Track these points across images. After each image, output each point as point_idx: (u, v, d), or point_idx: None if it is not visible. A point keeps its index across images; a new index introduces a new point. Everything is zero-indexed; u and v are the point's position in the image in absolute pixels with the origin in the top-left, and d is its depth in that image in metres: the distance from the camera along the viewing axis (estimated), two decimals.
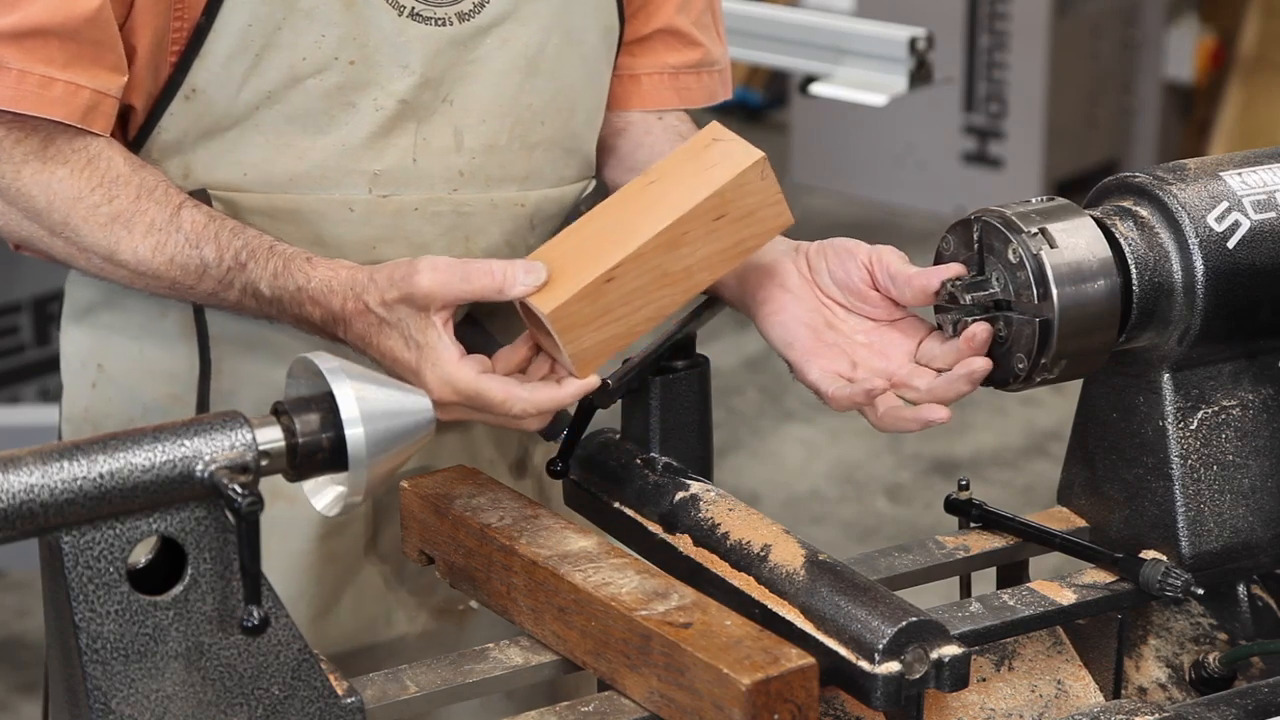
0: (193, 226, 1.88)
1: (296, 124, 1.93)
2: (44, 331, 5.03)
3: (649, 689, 1.65)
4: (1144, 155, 6.90)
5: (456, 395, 1.79)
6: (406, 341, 1.81)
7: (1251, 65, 6.65)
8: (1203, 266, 1.79)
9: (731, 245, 1.84)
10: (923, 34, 4.23)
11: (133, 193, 1.89)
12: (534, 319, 1.82)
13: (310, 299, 1.86)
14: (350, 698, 1.62)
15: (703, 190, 1.82)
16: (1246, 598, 1.90)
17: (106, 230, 1.88)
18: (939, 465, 5.24)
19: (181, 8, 1.89)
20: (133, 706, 1.52)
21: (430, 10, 1.93)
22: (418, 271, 1.80)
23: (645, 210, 1.84)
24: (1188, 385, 1.85)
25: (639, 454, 1.91)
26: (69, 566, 1.49)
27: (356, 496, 1.61)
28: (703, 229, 1.82)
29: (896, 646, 1.60)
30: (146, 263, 1.89)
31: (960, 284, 1.80)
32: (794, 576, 1.70)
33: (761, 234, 1.85)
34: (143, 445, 1.51)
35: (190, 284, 1.90)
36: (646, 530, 1.86)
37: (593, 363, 1.83)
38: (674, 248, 1.81)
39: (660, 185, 1.86)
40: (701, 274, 1.84)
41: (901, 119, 6.59)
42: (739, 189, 1.83)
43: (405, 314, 1.81)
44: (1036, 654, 1.92)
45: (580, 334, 1.80)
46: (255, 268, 1.87)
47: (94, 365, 2.07)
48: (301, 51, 1.91)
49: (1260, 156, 1.88)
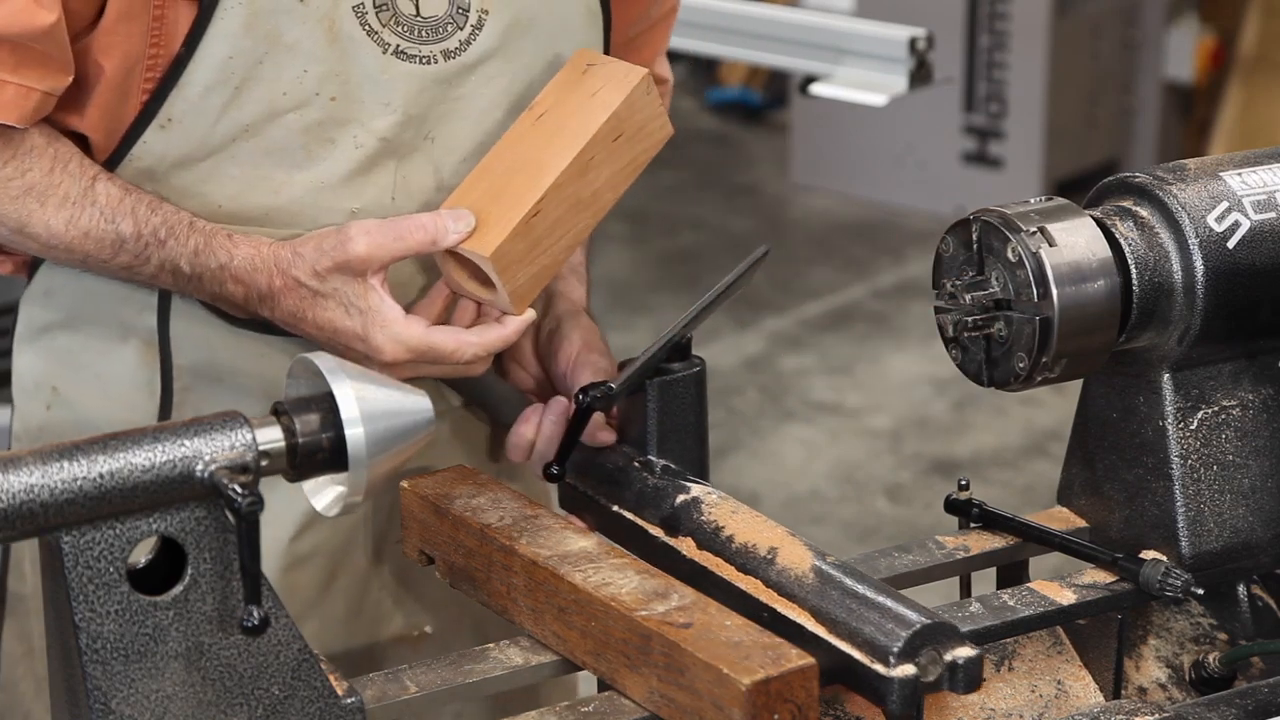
0: (108, 200, 1.88)
1: (273, 158, 1.91)
2: None
3: (649, 689, 1.65)
4: (1144, 155, 6.90)
5: (409, 353, 1.83)
6: (347, 309, 1.82)
7: (1251, 65, 6.65)
8: (1203, 266, 1.79)
9: (628, 163, 1.92)
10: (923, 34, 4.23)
11: (46, 165, 1.87)
12: (464, 265, 1.87)
13: (233, 277, 1.86)
14: (350, 698, 1.62)
15: (600, 114, 1.89)
16: (1246, 598, 1.90)
17: (18, 203, 1.87)
18: (939, 465, 5.24)
19: (160, 36, 1.87)
20: (133, 706, 1.52)
21: (416, 48, 1.91)
22: (350, 239, 1.81)
23: (547, 142, 1.89)
24: (1188, 385, 1.85)
25: (636, 457, 1.91)
26: (69, 566, 1.49)
27: (356, 496, 1.61)
28: (605, 151, 1.89)
29: (911, 649, 1.60)
30: (59, 236, 1.88)
31: (960, 284, 1.80)
32: (803, 579, 1.69)
33: (650, 147, 1.94)
34: (143, 445, 1.50)
35: (104, 258, 1.89)
36: (648, 534, 1.85)
37: (527, 298, 1.90)
38: (583, 173, 1.88)
39: (553, 115, 1.92)
40: (607, 194, 1.92)
41: (901, 119, 6.59)
42: (630, 107, 1.90)
43: (341, 282, 1.82)
44: (1036, 654, 1.92)
45: (516, 271, 1.86)
46: (174, 244, 1.87)
47: (48, 387, 2.04)
48: (282, 86, 1.88)
49: (1260, 156, 1.88)
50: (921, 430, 5.46)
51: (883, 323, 6.08)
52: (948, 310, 1.82)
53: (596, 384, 1.88)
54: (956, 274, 1.82)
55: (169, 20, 1.86)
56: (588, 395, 1.86)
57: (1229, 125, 6.59)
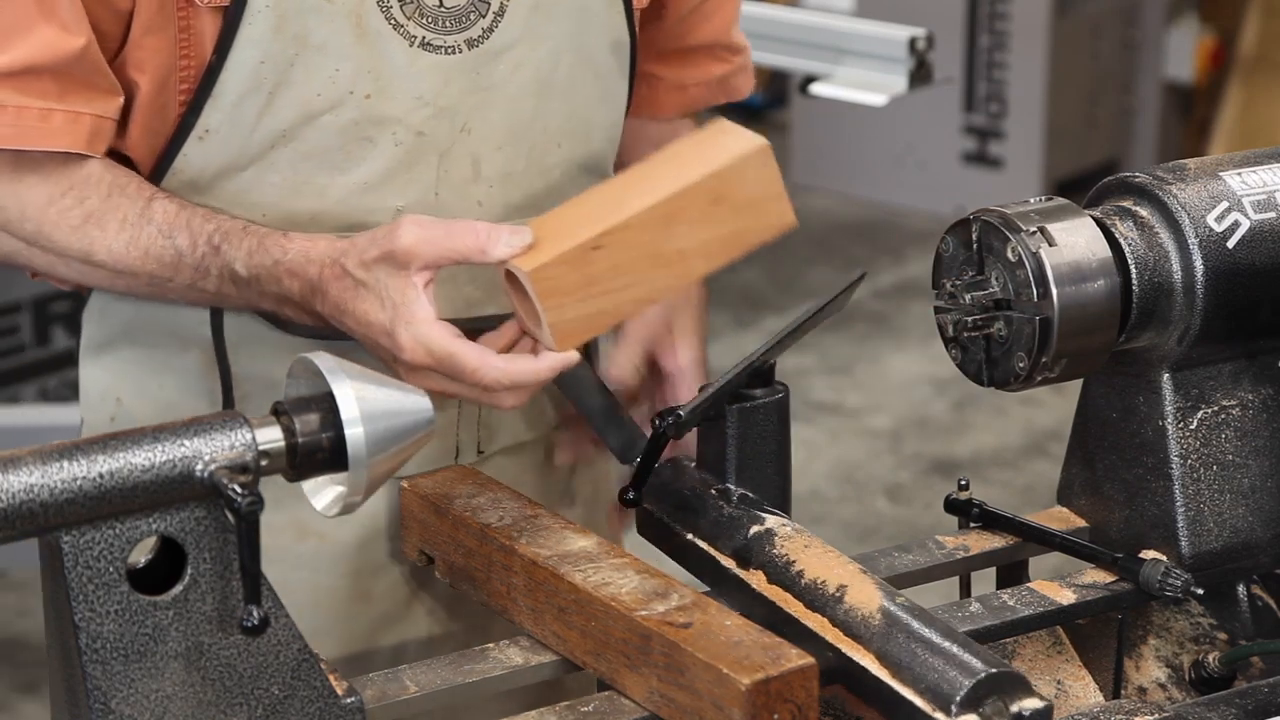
0: (164, 216, 1.86)
1: (313, 162, 1.90)
2: (44, 332, 5.04)
3: (649, 689, 1.65)
4: (1144, 155, 6.90)
5: (429, 357, 1.75)
6: (382, 302, 1.77)
7: (1251, 65, 6.65)
8: (1202, 266, 1.79)
9: (729, 234, 1.79)
10: (922, 34, 4.23)
11: (104, 190, 1.87)
12: (518, 288, 1.77)
13: (288, 271, 1.83)
14: (350, 698, 1.62)
15: (700, 170, 1.78)
16: (1246, 598, 1.90)
17: (80, 232, 1.87)
18: (939, 465, 5.24)
19: (189, 46, 1.87)
20: (132, 706, 1.52)
21: (440, 39, 1.90)
22: (400, 229, 1.76)
23: (641, 187, 1.80)
24: (1188, 385, 1.85)
25: (714, 484, 1.85)
26: (69, 566, 1.49)
27: (356, 496, 1.61)
28: (699, 211, 1.78)
29: (975, 698, 1.56)
30: (122, 259, 1.87)
31: (960, 283, 1.80)
32: (869, 620, 1.65)
33: (762, 229, 1.81)
34: (142, 445, 1.50)
35: (168, 276, 1.87)
36: (720, 565, 1.79)
37: (574, 337, 1.77)
38: (667, 225, 1.77)
39: (661, 166, 1.82)
40: (697, 260, 1.79)
41: (901, 119, 6.59)
42: (738, 174, 1.79)
43: (384, 274, 1.77)
44: (1036, 654, 1.92)
45: (562, 302, 1.75)
46: (229, 249, 1.85)
47: (113, 399, 2.04)
48: (315, 87, 1.88)
49: (1260, 156, 1.88)
50: (921, 430, 5.46)
51: (883, 323, 6.08)
52: (948, 310, 1.82)
53: (671, 409, 1.81)
54: (956, 274, 1.82)
55: (195, 30, 1.86)
56: (662, 422, 1.80)
57: (1229, 125, 6.59)
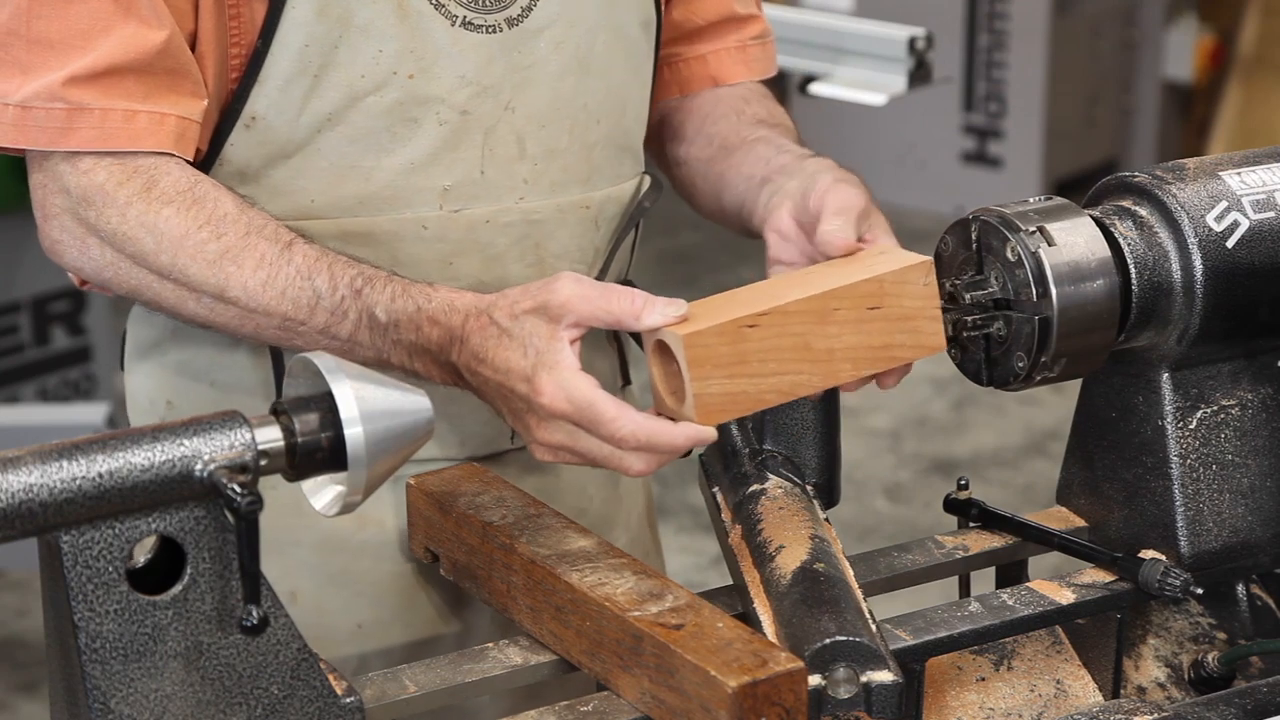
0: (304, 259, 1.82)
1: (359, 145, 1.90)
2: (43, 331, 5.04)
3: (641, 690, 1.65)
4: (1143, 155, 6.91)
5: (568, 403, 1.70)
6: (525, 349, 1.73)
7: (1251, 65, 6.65)
8: (1202, 266, 1.79)
9: (880, 345, 1.77)
10: (922, 34, 4.23)
11: (241, 229, 1.83)
12: (664, 361, 1.72)
13: (429, 318, 1.78)
14: (349, 697, 1.62)
15: (861, 273, 1.77)
16: (1246, 597, 1.90)
17: (215, 267, 1.82)
18: (938, 465, 5.24)
19: (238, 33, 1.87)
20: (132, 706, 1.52)
21: (481, 18, 1.92)
22: (557, 281, 1.73)
23: (802, 282, 1.78)
24: (1187, 385, 1.85)
25: (754, 444, 1.94)
26: (68, 566, 1.49)
27: (356, 496, 1.61)
28: (854, 313, 1.75)
29: (822, 661, 1.61)
30: (256, 298, 1.82)
31: (960, 283, 1.80)
32: (782, 579, 1.71)
33: (914, 346, 1.77)
34: (142, 445, 1.50)
35: (301, 319, 1.82)
36: (720, 518, 1.90)
37: (715, 413, 1.70)
38: (822, 320, 1.73)
39: (822, 270, 1.80)
40: (844, 365, 1.76)
41: (901, 119, 6.59)
42: (899, 284, 1.76)
43: (533, 324, 1.73)
44: (1036, 654, 1.92)
45: (710, 374, 1.69)
46: (371, 292, 1.80)
47: (162, 402, 2.03)
48: (359, 69, 1.88)
49: (1259, 156, 1.88)
50: (921, 430, 5.46)
51: None
52: (947, 310, 1.82)
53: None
54: (956, 273, 1.82)
55: (244, 17, 1.87)
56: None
57: (1228, 125, 6.59)
